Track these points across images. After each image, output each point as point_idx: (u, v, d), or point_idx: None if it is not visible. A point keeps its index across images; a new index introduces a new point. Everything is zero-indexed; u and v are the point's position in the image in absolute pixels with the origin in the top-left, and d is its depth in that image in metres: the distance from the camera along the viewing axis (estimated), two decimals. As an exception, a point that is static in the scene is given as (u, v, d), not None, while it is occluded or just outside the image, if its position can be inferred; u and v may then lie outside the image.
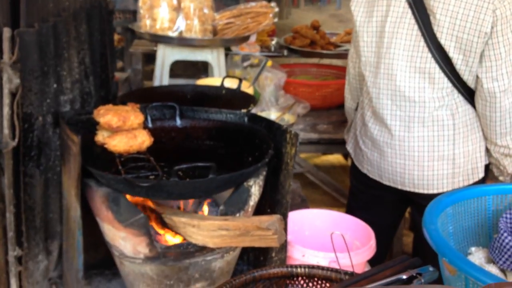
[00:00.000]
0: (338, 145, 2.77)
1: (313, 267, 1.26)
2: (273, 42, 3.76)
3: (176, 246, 1.43)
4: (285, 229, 1.55)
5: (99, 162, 1.46)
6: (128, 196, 1.42)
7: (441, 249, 1.16)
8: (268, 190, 1.67)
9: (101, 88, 1.96)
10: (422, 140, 2.02)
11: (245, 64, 3.17)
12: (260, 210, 1.66)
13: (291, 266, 1.26)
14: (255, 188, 1.54)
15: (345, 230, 1.85)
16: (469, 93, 1.97)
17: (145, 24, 2.83)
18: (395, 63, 1.97)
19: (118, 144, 1.41)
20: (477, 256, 1.43)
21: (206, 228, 1.39)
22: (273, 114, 3.01)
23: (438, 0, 1.87)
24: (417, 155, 2.03)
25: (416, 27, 1.92)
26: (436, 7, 1.87)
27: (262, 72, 3.07)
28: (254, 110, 3.07)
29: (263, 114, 3.02)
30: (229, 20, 3.04)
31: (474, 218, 1.49)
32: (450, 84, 1.94)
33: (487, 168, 2.11)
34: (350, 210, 2.32)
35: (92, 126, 1.53)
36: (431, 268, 1.20)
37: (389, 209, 2.26)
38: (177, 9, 2.80)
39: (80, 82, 1.75)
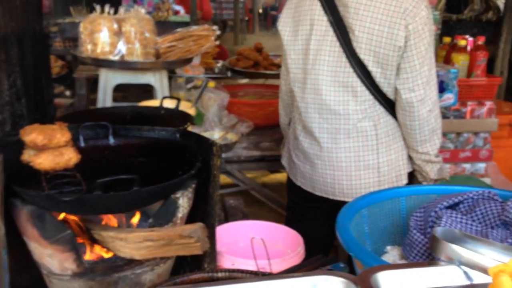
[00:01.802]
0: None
1: (233, 271, 1.30)
2: (219, 65, 3.85)
3: (104, 260, 1.46)
4: (212, 238, 1.60)
5: (26, 181, 1.48)
6: (56, 213, 1.45)
7: (348, 246, 1.24)
8: (199, 202, 1.72)
9: (36, 111, 1.99)
10: (348, 151, 2.11)
11: (189, 86, 3.24)
12: (191, 222, 1.70)
13: (212, 271, 1.30)
14: (183, 200, 1.59)
15: (278, 240, 1.92)
16: (389, 105, 2.09)
17: (87, 49, 2.87)
18: (321, 78, 2.08)
19: (43, 161, 1.43)
20: (392, 254, 1.51)
21: (133, 241, 1.42)
22: (216, 134, 3.09)
23: (356, 18, 1.99)
24: (344, 165, 2.12)
25: (338, 44, 2.03)
26: (354, 25, 1.99)
27: (203, 92, 3.16)
28: (198, 130, 3.16)
29: (207, 134, 3.09)
30: (172, 43, 3.11)
31: (389, 218, 1.58)
32: (371, 97, 2.05)
33: (411, 175, 2.22)
34: (288, 223, 2.39)
35: (21, 147, 1.55)
36: (342, 264, 1.28)
37: (324, 219, 2.34)
38: (118, 33, 2.86)
39: (11, 105, 1.78)
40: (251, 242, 1.41)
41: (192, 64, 3.41)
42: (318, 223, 2.33)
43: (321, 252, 1.96)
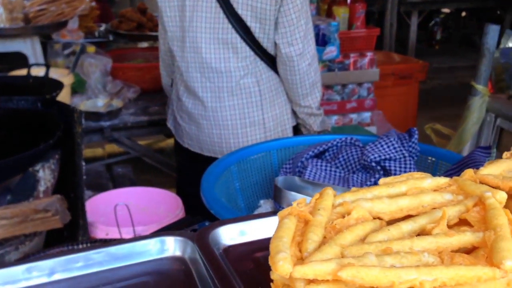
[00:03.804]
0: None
1: (95, 240, 1.25)
2: (101, 28, 3.65)
3: (-43, 243, 1.34)
4: (81, 209, 1.53)
5: None
6: None
7: (209, 203, 1.22)
8: (67, 173, 1.62)
9: None
10: (233, 108, 2.09)
11: (66, 52, 3.04)
12: (60, 194, 1.61)
13: (72, 245, 1.24)
14: (45, 173, 1.49)
15: (160, 204, 1.88)
16: (270, 60, 2.09)
17: None
18: (199, 35, 2.01)
19: None
20: (265, 208, 1.52)
21: (-13, 220, 1.31)
22: (100, 101, 2.94)
23: None
24: (230, 123, 2.10)
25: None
26: None
27: (84, 58, 2.98)
28: (80, 98, 2.99)
29: (90, 102, 2.94)
30: (42, 7, 2.88)
31: (261, 173, 1.58)
32: (252, 53, 2.03)
33: (296, 129, 2.26)
34: (179, 188, 2.35)
35: None
36: (207, 223, 1.26)
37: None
38: (-23, -2, 2.59)
39: None
40: (115, 209, 1.36)
41: (69, 29, 3.19)
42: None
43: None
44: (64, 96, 2.59)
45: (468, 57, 8.25)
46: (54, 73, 2.66)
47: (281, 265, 0.48)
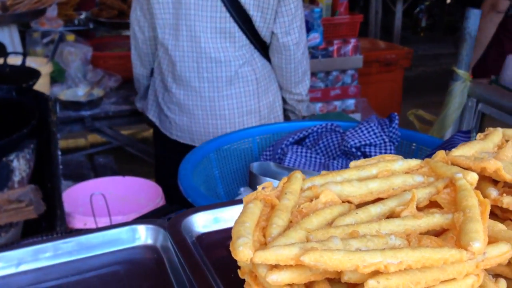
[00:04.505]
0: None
1: (71, 231, 1.22)
2: (82, 16, 3.58)
3: None
4: (57, 199, 1.50)
5: None
6: None
7: (186, 191, 1.20)
8: (43, 163, 1.59)
9: None
10: (230, 98, 2.07)
11: (45, 40, 2.98)
12: (38, 184, 1.58)
13: (47, 235, 1.21)
14: (20, 163, 1.45)
15: (140, 193, 1.86)
16: (263, 48, 2.08)
17: None
18: (197, 24, 1.97)
19: None
20: (245, 195, 1.51)
21: (-42, 212, 1.28)
22: (81, 90, 2.89)
23: None
24: (227, 113, 2.08)
25: None
26: None
27: (63, 47, 2.92)
28: (60, 88, 2.94)
29: (70, 91, 2.89)
30: (19, -6, 2.81)
31: (241, 160, 1.56)
32: (248, 41, 2.01)
33: (283, 115, 2.26)
34: (159, 178, 2.32)
35: None
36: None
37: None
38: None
39: None
40: (90, 199, 1.33)
41: (48, 17, 3.13)
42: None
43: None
44: (43, 85, 2.54)
45: (453, 44, 8.27)
46: (33, 62, 2.61)
47: (241, 250, 0.46)
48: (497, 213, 0.61)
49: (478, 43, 2.30)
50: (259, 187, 0.56)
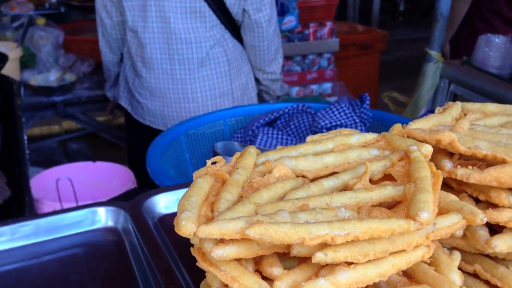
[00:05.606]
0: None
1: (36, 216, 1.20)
2: (53, 0, 3.50)
3: None
4: (25, 185, 1.47)
5: None
6: None
7: (154, 174, 1.18)
8: (10, 148, 1.55)
9: None
10: (202, 80, 2.04)
11: (15, 25, 2.90)
12: (4, 170, 1.54)
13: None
14: (-16, 148, 1.42)
15: (112, 178, 1.83)
16: (234, 28, 2.04)
17: None
18: (166, 4, 1.92)
19: None
20: (216, 178, 1.50)
21: None
22: (52, 75, 2.83)
23: None
24: (200, 95, 2.05)
25: None
26: None
27: (33, 31, 2.85)
28: (31, 73, 2.87)
29: (41, 76, 2.82)
30: (-14, -23, 2.74)
31: (212, 142, 1.54)
32: (218, 21, 1.98)
33: (258, 96, 2.24)
34: (132, 164, 2.29)
35: None
36: (152, 194, 1.22)
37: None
38: None
39: None
40: (56, 184, 1.30)
41: (18, 0, 3.04)
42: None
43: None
44: (12, 70, 2.48)
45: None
46: (2, 47, 2.54)
47: (184, 225, 0.45)
48: (453, 186, 0.61)
49: (450, 21, 2.29)
50: (208, 162, 0.55)
